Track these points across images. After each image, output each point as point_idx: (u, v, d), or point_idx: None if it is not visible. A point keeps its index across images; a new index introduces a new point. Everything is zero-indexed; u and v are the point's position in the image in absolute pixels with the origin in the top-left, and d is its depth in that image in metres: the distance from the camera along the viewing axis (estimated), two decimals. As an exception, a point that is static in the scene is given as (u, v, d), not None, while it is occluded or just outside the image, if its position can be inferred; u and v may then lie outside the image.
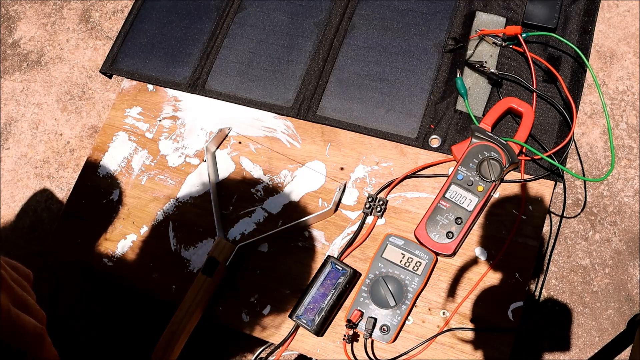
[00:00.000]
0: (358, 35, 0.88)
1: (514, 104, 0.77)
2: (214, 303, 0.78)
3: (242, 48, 0.91)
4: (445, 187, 0.75)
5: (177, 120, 0.90)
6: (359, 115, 0.83)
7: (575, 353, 1.22)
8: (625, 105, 1.40)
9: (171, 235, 0.83)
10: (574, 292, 1.27)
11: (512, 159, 0.74)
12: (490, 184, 0.74)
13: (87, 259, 0.85)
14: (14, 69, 1.67)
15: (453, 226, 0.73)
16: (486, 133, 0.76)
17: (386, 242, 0.74)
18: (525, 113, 0.76)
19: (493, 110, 0.77)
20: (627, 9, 1.50)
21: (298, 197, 0.82)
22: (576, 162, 1.37)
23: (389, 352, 0.72)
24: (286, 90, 0.87)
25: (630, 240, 1.28)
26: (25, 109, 1.61)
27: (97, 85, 1.61)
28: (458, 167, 0.75)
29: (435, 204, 0.75)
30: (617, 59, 1.45)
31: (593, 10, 0.82)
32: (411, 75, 0.84)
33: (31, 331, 0.41)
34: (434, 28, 0.86)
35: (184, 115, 0.90)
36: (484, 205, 0.74)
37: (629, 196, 1.32)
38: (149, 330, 0.80)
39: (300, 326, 0.73)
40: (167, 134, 0.90)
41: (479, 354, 0.70)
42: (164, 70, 0.92)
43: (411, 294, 0.71)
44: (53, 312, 0.59)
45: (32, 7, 1.75)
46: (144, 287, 0.82)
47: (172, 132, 0.90)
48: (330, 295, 0.73)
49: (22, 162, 1.54)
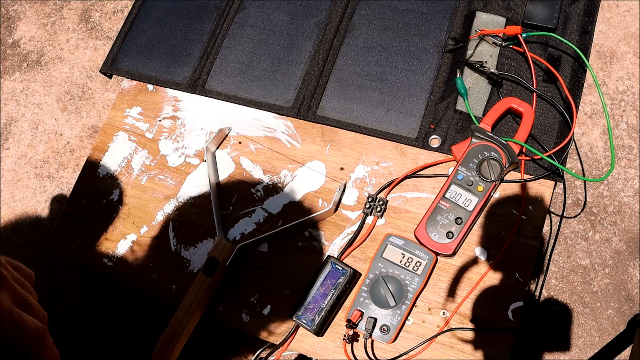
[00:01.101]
0: (358, 35, 0.88)
1: (514, 104, 0.77)
2: (214, 303, 0.78)
3: (242, 48, 0.91)
4: (445, 187, 0.75)
5: (177, 120, 0.90)
6: (359, 115, 0.83)
7: (575, 353, 1.22)
8: (625, 105, 1.40)
9: (171, 236, 0.83)
10: (574, 292, 1.27)
11: (512, 159, 0.74)
12: (490, 184, 0.74)
13: (87, 259, 0.85)
14: (14, 69, 1.67)
15: (453, 226, 0.73)
16: (486, 133, 0.76)
17: (386, 242, 0.74)
18: (525, 113, 0.76)
19: (493, 110, 0.77)
20: (627, 9, 1.50)
21: (298, 197, 0.82)
22: (576, 162, 1.37)
23: (389, 352, 0.72)
24: (286, 90, 0.87)
25: (630, 240, 1.28)
26: (25, 109, 1.61)
27: (97, 85, 1.61)
28: (458, 167, 0.75)
29: (435, 204, 0.75)
30: (617, 59, 1.45)
31: (593, 10, 0.82)
32: (411, 75, 0.84)
33: (33, 331, 0.41)
34: (434, 28, 0.86)
35: (184, 115, 0.90)
36: (484, 205, 0.74)
37: (629, 196, 1.32)
38: (149, 330, 0.80)
39: (301, 326, 0.73)
40: (167, 134, 0.90)
41: (479, 354, 0.70)
42: (164, 70, 0.92)
43: (411, 294, 0.71)
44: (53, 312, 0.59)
45: (32, 7, 1.75)
46: (144, 287, 0.82)
47: (172, 132, 0.90)
48: (330, 295, 0.73)
49: (22, 162, 1.54)
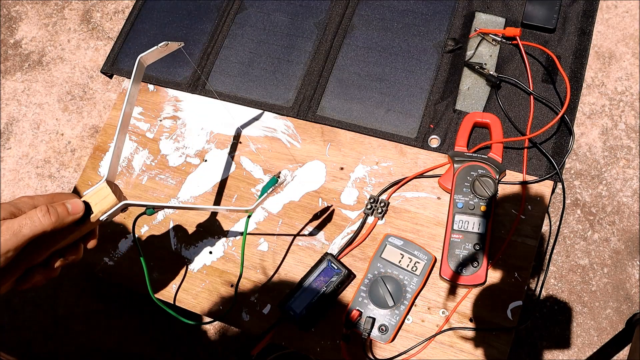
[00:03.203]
0: (358, 36, 0.89)
1: (477, 118, 0.78)
2: (216, 303, 0.78)
3: (242, 48, 0.92)
4: (450, 219, 0.74)
5: (177, 120, 0.91)
6: (358, 115, 0.84)
7: (574, 352, 1.23)
8: (624, 106, 1.41)
9: (171, 235, 0.84)
10: (573, 291, 1.27)
11: (499, 168, 0.75)
12: (490, 200, 0.74)
13: (88, 258, 0.85)
14: (15, 69, 1.67)
15: (474, 254, 0.72)
16: (465, 154, 0.76)
17: (385, 242, 0.75)
18: (491, 122, 0.78)
19: (461, 132, 0.78)
20: (625, 10, 1.50)
21: (298, 197, 0.82)
22: (575, 162, 1.38)
23: (388, 351, 0.72)
24: (286, 90, 0.87)
25: (628, 240, 1.28)
26: (27, 109, 1.61)
27: (98, 86, 1.62)
28: (453, 196, 0.75)
29: (448, 240, 0.73)
30: (615, 59, 1.46)
31: (592, 11, 0.83)
32: (411, 76, 0.84)
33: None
34: (433, 29, 0.86)
35: (185, 115, 0.91)
36: (493, 221, 0.74)
37: (627, 196, 1.33)
38: (149, 330, 0.81)
39: (286, 318, 0.74)
40: (168, 133, 0.90)
41: (478, 352, 0.70)
42: (165, 70, 0.93)
43: (410, 294, 0.72)
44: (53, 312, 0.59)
45: (34, 8, 1.75)
46: (144, 286, 0.82)
47: (173, 132, 0.90)
48: (322, 291, 0.73)
49: (24, 162, 1.54)
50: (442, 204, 0.77)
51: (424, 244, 0.76)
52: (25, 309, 1.24)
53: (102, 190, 0.58)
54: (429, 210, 0.77)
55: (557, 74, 0.80)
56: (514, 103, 0.80)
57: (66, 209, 0.53)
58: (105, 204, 0.58)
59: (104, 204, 0.58)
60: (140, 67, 0.66)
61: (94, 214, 0.57)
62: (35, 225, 0.50)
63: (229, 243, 0.81)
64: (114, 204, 0.58)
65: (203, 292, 0.80)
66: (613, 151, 1.37)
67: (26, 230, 0.49)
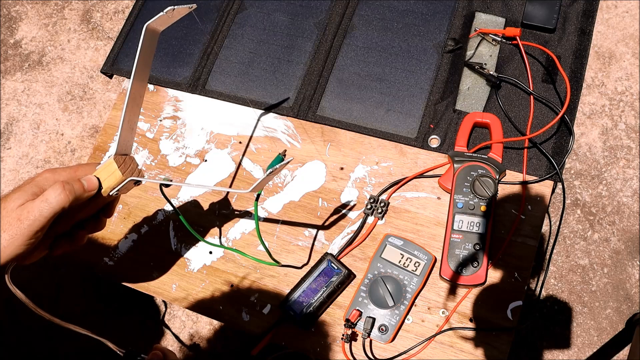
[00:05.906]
0: (358, 36, 0.89)
1: (477, 118, 0.78)
2: (216, 302, 0.78)
3: (242, 48, 0.92)
4: (450, 219, 0.74)
5: (177, 120, 0.91)
6: (358, 115, 0.84)
7: (574, 352, 1.23)
8: (624, 106, 1.41)
9: (172, 235, 0.84)
10: (573, 291, 1.27)
11: (499, 168, 0.75)
12: (490, 200, 0.74)
13: (88, 258, 0.85)
14: (15, 69, 1.67)
15: (474, 254, 0.72)
16: (465, 154, 0.76)
17: (385, 242, 0.75)
18: (491, 122, 0.77)
19: (461, 132, 0.78)
20: (625, 10, 1.50)
21: (298, 197, 0.82)
22: (575, 162, 1.38)
23: (388, 351, 0.72)
24: (286, 90, 0.87)
25: (628, 240, 1.28)
26: (27, 109, 1.61)
27: (98, 85, 1.62)
28: (453, 196, 0.75)
29: (448, 240, 0.73)
30: (615, 59, 1.46)
31: (592, 11, 0.83)
32: (411, 76, 0.85)
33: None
34: (433, 29, 0.86)
35: (185, 115, 0.91)
36: (493, 221, 0.74)
37: (627, 196, 1.33)
38: (149, 329, 0.81)
39: (286, 318, 0.73)
40: (168, 133, 0.90)
41: (478, 352, 0.70)
42: (165, 70, 0.93)
43: (410, 294, 0.72)
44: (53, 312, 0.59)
45: (34, 8, 1.75)
46: (145, 286, 0.82)
47: (173, 132, 0.90)
48: (322, 291, 0.73)
49: (24, 162, 1.54)
50: (442, 204, 0.77)
51: (424, 244, 0.76)
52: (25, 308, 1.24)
53: (109, 165, 0.60)
54: (429, 210, 0.77)
55: (557, 74, 0.80)
56: (514, 103, 0.80)
57: (82, 185, 0.57)
58: (113, 179, 0.60)
59: (111, 180, 0.60)
60: (149, 35, 0.63)
61: (103, 189, 0.60)
62: (53, 205, 0.54)
63: (229, 243, 0.81)
64: (120, 181, 0.60)
65: (203, 292, 0.80)
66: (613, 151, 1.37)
67: (46, 212, 0.54)
